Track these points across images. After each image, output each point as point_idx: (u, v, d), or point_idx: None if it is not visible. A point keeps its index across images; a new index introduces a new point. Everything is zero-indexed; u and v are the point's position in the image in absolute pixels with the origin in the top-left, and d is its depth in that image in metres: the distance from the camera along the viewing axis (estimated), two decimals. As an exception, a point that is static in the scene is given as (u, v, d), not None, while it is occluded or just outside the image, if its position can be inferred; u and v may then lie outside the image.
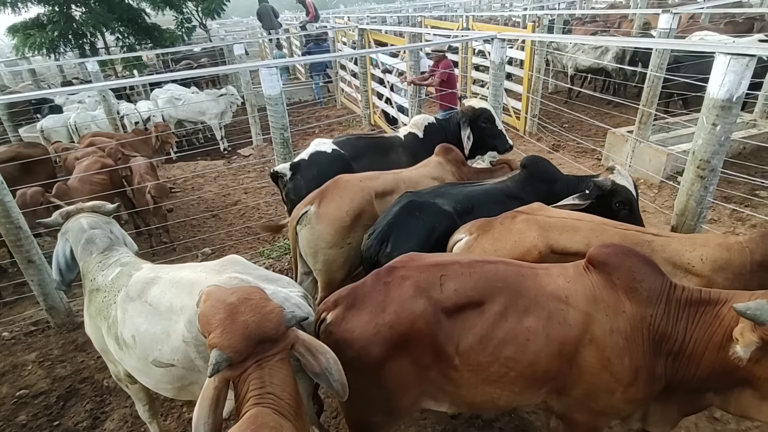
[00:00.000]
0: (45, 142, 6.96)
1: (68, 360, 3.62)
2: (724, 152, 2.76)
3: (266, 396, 1.41)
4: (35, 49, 10.15)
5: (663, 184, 5.33)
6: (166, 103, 8.18)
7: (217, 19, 15.78)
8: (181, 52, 12.59)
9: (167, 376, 2.03)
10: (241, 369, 1.42)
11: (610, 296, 1.75)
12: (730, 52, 2.53)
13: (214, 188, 6.89)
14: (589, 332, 1.73)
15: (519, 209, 2.46)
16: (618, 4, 15.08)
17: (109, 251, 2.38)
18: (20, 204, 4.08)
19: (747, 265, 2.03)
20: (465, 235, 2.42)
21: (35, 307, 4.18)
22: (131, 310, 2.06)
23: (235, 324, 1.42)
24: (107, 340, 2.21)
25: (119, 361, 2.24)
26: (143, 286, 2.09)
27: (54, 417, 3.14)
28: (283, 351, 1.49)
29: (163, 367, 2.00)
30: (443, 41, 7.52)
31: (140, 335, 2.01)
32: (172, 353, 1.95)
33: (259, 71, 3.91)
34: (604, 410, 1.83)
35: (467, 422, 2.77)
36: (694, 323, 1.68)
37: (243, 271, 2.02)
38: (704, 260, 2.09)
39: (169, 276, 2.10)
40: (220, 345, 1.39)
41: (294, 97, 11.85)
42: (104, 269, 2.28)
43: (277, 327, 1.47)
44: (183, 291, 1.98)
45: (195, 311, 1.76)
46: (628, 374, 1.71)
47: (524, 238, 2.28)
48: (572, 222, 2.32)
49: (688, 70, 6.15)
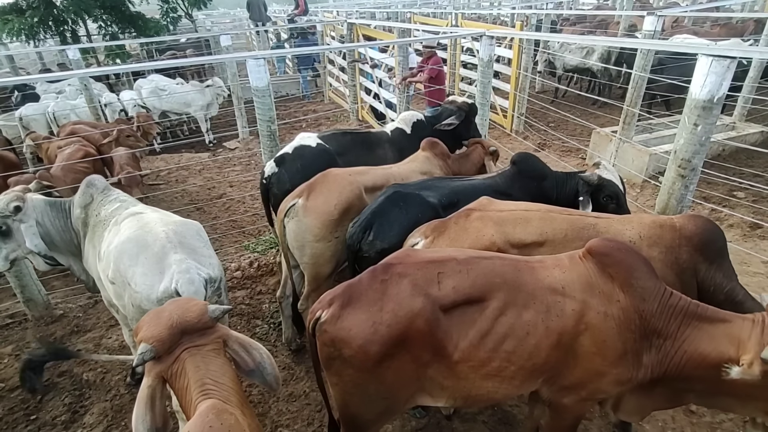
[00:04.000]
0: (23, 131, 6.79)
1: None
2: (705, 152, 2.82)
3: (208, 383, 1.44)
4: (13, 35, 9.84)
5: (645, 183, 5.43)
6: (150, 93, 8.01)
7: (204, 10, 15.52)
8: (165, 42, 12.34)
9: (112, 290, 2.42)
10: (171, 360, 1.48)
11: (605, 285, 1.79)
12: (712, 53, 2.59)
13: (198, 181, 6.80)
14: (585, 318, 1.77)
15: (469, 206, 2.48)
16: (603, 6, 15.28)
17: (108, 190, 2.80)
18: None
19: (676, 240, 2.20)
20: (420, 239, 2.41)
21: (12, 300, 4.08)
22: (112, 231, 2.51)
23: (159, 319, 1.53)
24: (96, 259, 2.58)
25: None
26: (126, 217, 2.55)
27: (31, 411, 3.08)
28: (214, 343, 1.55)
29: (111, 283, 2.38)
30: (432, 37, 7.53)
31: (107, 253, 2.43)
32: (113, 273, 2.34)
33: (247, 62, 3.85)
34: (592, 394, 1.88)
35: (450, 414, 2.80)
36: (687, 336, 1.74)
37: (178, 232, 2.41)
38: (642, 237, 2.25)
39: (143, 214, 2.57)
40: (144, 338, 1.49)
41: (281, 91, 11.74)
42: (106, 204, 2.71)
43: (200, 317, 1.55)
44: (134, 226, 2.43)
45: (123, 240, 2.32)
46: (618, 358, 1.76)
47: (482, 235, 2.31)
48: (523, 213, 2.39)
49: (671, 72, 6.27)
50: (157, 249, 2.29)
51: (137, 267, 2.25)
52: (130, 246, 2.30)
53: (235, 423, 1.33)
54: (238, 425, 1.33)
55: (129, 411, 3.00)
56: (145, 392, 1.45)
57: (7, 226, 2.66)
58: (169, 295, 2.17)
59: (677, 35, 8.18)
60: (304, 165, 3.38)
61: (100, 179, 2.84)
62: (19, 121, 6.94)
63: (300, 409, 2.94)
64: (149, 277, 2.23)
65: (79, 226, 2.78)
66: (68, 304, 4.10)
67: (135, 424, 1.40)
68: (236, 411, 1.40)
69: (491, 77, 4.91)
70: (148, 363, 1.49)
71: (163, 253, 2.29)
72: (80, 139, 5.26)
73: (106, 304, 2.89)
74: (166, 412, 1.47)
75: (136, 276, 2.24)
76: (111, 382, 3.25)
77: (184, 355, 1.48)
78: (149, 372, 1.49)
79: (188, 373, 1.45)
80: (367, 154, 3.74)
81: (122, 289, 2.31)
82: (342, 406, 1.99)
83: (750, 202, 4.90)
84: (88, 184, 2.78)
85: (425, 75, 6.18)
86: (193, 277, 2.23)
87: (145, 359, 1.45)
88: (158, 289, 2.20)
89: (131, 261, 2.27)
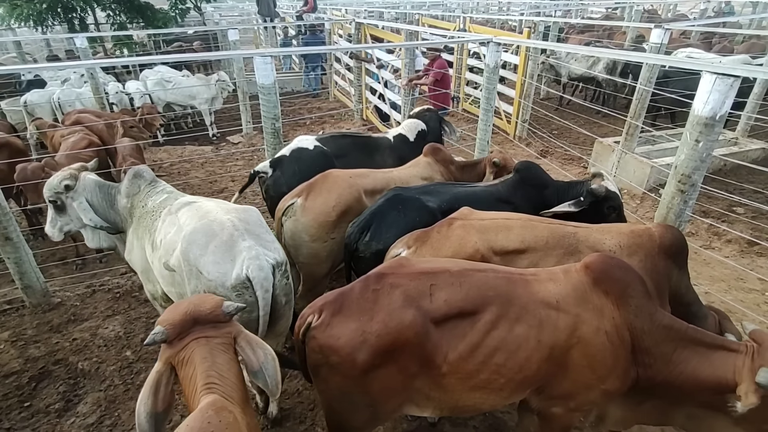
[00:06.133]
0: (27, 117, 6.80)
1: (42, 341, 3.57)
2: (705, 168, 2.83)
3: (213, 376, 1.47)
4: (21, 20, 9.83)
5: (645, 195, 5.44)
6: (155, 84, 8.02)
7: (212, 3, 15.51)
8: (173, 34, 12.34)
9: (171, 279, 2.48)
10: (180, 347, 1.53)
11: (599, 300, 1.81)
12: (716, 71, 2.60)
13: (200, 174, 6.81)
14: (578, 333, 1.79)
15: (452, 216, 2.51)
16: (612, 15, 15.29)
17: (155, 182, 2.86)
18: (21, 178, 4.13)
19: (655, 248, 2.27)
20: (403, 249, 2.42)
21: (10, 286, 4.09)
22: (167, 221, 2.56)
23: (177, 308, 1.63)
24: (147, 249, 2.65)
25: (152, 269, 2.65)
26: (180, 206, 2.61)
27: (25, 398, 3.09)
28: (224, 337, 1.59)
29: (170, 270, 2.44)
30: (440, 41, 7.54)
31: (165, 241, 2.50)
32: (174, 260, 2.39)
33: (254, 60, 3.87)
34: (581, 405, 1.90)
35: (441, 419, 2.82)
36: (685, 359, 1.77)
37: (242, 219, 2.47)
38: (622, 246, 2.30)
39: (199, 203, 2.63)
40: (159, 321, 1.58)
41: (286, 87, 11.75)
42: (153, 195, 2.77)
43: (213, 309, 1.60)
44: (196, 215, 2.47)
45: (189, 231, 2.34)
46: (608, 372, 1.78)
47: (465, 244, 2.32)
48: (504, 222, 2.42)
49: (676, 85, 6.28)
50: (225, 237, 2.34)
51: (208, 256, 2.29)
52: (199, 236, 2.33)
53: (233, 422, 1.35)
54: (236, 424, 1.35)
55: (122, 402, 3.03)
56: (153, 376, 1.50)
57: (61, 201, 2.84)
58: (241, 282, 2.26)
59: (682, 49, 8.19)
60: (301, 168, 3.39)
61: (148, 170, 2.89)
62: (24, 106, 6.96)
63: (292, 407, 2.96)
64: (221, 265, 2.28)
65: (126, 215, 2.85)
66: (66, 292, 4.11)
67: (138, 405, 1.44)
68: (236, 409, 1.42)
69: (497, 83, 4.92)
70: (162, 347, 1.55)
71: (231, 241, 2.34)
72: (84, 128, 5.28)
73: (149, 297, 2.93)
74: (170, 398, 1.49)
75: (208, 265, 2.28)
76: (106, 373, 3.26)
77: (193, 344, 1.53)
78: (160, 357, 1.55)
79: (195, 363, 1.49)
80: (366, 158, 3.73)
81: (188, 276, 2.34)
82: (328, 411, 2.00)
83: (749, 218, 4.92)
84: (136, 174, 2.82)
85: (430, 78, 6.19)
86: (263, 263, 2.30)
87: (155, 340, 1.52)
88: (231, 276, 2.27)
89: (201, 250, 2.30)
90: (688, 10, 16.99)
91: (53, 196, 2.84)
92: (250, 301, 2.28)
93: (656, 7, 15.76)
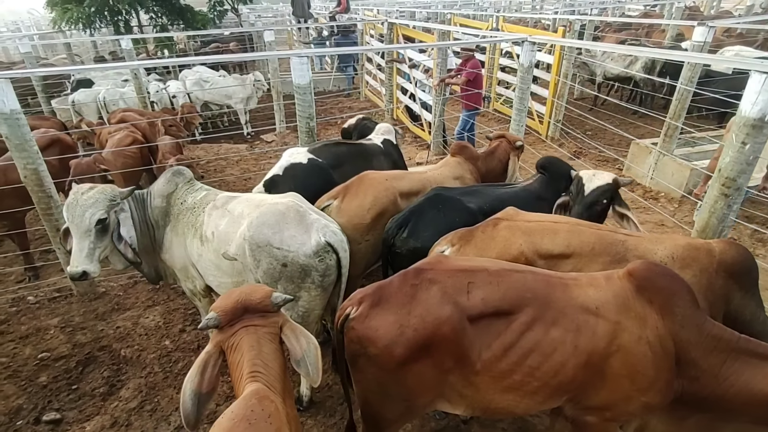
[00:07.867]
0: (75, 115, 7.16)
1: (89, 327, 3.76)
2: (752, 172, 2.73)
3: (258, 364, 1.53)
4: (72, 23, 10.36)
5: (684, 198, 5.26)
6: (193, 84, 8.30)
7: (249, 4, 15.87)
8: (211, 35, 12.72)
9: (230, 268, 2.64)
10: (230, 333, 1.61)
11: (643, 308, 1.76)
12: (766, 70, 2.51)
13: (235, 171, 7.00)
14: (618, 341, 1.74)
15: (497, 216, 2.49)
16: (651, 13, 14.78)
17: (193, 180, 2.96)
18: (78, 172, 4.39)
19: (713, 264, 2.13)
20: (447, 247, 2.42)
21: (59, 275, 4.34)
22: (215, 215, 2.70)
23: (230, 296, 1.70)
24: (190, 244, 2.75)
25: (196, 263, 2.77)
26: (226, 200, 2.77)
27: (73, 381, 3.27)
28: (271, 326, 1.65)
29: (229, 260, 2.59)
30: (473, 41, 7.48)
31: (218, 233, 2.64)
32: (236, 249, 2.56)
33: (290, 60, 3.96)
34: (618, 416, 1.86)
35: (471, 419, 2.82)
36: (736, 371, 1.69)
37: (300, 200, 2.73)
38: (675, 258, 2.19)
39: (245, 196, 2.82)
40: (213, 308, 1.66)
41: (318, 87, 11.91)
42: (192, 192, 2.87)
43: (262, 299, 1.67)
44: (252, 204, 2.66)
45: (256, 216, 2.51)
46: (649, 384, 1.73)
47: (510, 245, 2.30)
48: (550, 225, 2.37)
49: (720, 85, 6.03)
50: (293, 214, 2.58)
51: (283, 232, 2.51)
52: (268, 217, 2.53)
53: (275, 411, 1.40)
54: (277, 413, 1.40)
55: (161, 389, 3.16)
56: (202, 356, 1.57)
57: (108, 218, 2.60)
58: (322, 247, 2.53)
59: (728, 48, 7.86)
60: (296, 186, 3.12)
61: (187, 170, 2.98)
62: (71, 105, 7.34)
63: (323, 401, 3.02)
64: (299, 237, 2.52)
65: (159, 217, 2.82)
66: (110, 282, 4.32)
67: (184, 383, 1.52)
68: (278, 399, 1.47)
69: (530, 83, 4.86)
70: (213, 332, 1.64)
71: (300, 216, 2.59)
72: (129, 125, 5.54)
73: (188, 294, 3.03)
74: (215, 381, 1.56)
75: (286, 240, 2.50)
76: (146, 360, 3.42)
77: (242, 331, 1.60)
78: (211, 340, 1.63)
79: (243, 350, 1.56)
80: (365, 165, 3.55)
81: (257, 258, 2.49)
82: (363, 403, 2.04)
83: (797, 225, 4.69)
84: (175, 173, 2.89)
85: (463, 78, 6.16)
86: (335, 229, 2.64)
87: (209, 325, 1.61)
88: (311, 244, 2.52)
89: (273, 229, 2.50)
90: (732, 7, 16.26)
91: (107, 208, 2.58)
92: (330, 265, 2.57)
93: (698, 4, 15.14)
